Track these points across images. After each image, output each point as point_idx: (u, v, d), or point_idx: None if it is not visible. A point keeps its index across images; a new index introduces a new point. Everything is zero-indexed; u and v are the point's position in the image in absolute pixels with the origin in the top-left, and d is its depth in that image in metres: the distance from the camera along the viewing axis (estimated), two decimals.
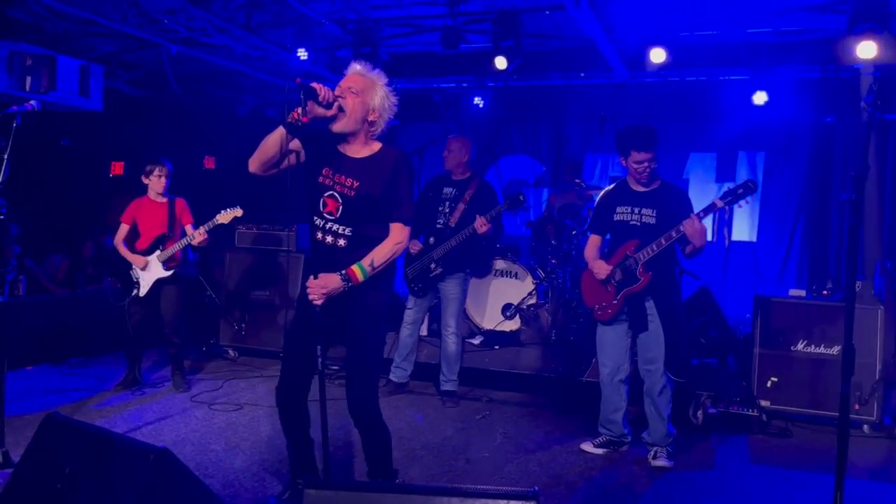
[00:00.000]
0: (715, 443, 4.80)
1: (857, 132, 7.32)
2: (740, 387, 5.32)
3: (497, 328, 6.53)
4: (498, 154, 9.12)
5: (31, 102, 3.83)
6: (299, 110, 2.83)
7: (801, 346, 5.08)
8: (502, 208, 5.25)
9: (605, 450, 4.47)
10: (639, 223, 4.18)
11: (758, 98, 6.76)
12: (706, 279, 6.54)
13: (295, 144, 3.04)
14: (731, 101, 7.05)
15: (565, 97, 8.43)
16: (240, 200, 5.52)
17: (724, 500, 3.95)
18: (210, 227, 5.35)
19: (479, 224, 5.09)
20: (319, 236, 3.11)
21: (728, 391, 5.33)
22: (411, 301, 5.54)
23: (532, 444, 4.65)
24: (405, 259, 5.42)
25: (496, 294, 6.63)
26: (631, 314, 4.28)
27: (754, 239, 8.00)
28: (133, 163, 8.87)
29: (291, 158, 3.07)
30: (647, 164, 4.11)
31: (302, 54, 6.64)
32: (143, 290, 5.46)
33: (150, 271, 5.46)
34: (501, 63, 6.26)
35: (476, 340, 6.58)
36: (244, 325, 6.76)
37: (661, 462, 4.25)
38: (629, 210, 4.22)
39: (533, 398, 5.68)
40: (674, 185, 4.38)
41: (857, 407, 4.85)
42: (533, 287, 6.49)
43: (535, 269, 6.74)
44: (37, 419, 2.85)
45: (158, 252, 5.44)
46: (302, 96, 2.83)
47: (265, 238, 6.95)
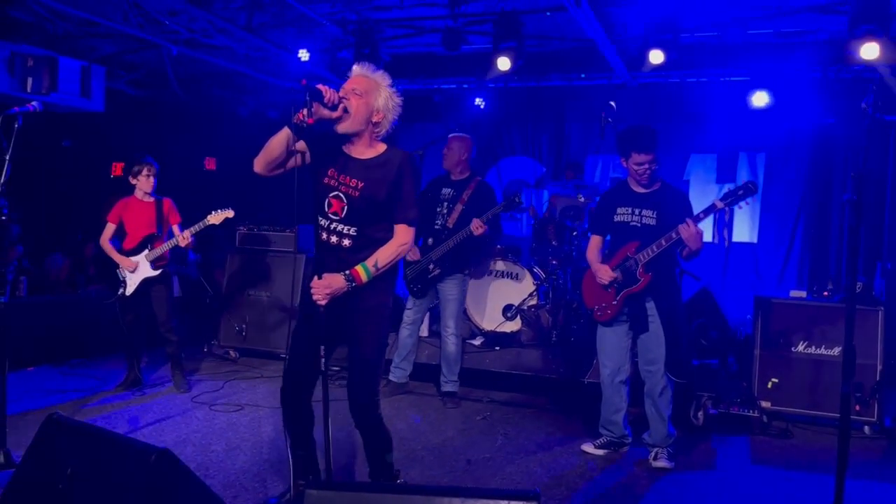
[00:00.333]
0: (715, 444, 4.81)
1: (857, 133, 7.33)
2: (741, 388, 5.32)
3: (498, 329, 6.52)
4: (498, 155, 9.12)
5: (33, 103, 3.84)
6: (305, 111, 2.83)
7: (801, 348, 5.09)
8: (498, 210, 5.26)
9: (605, 451, 4.48)
10: (639, 224, 4.19)
11: (758, 100, 6.76)
12: (707, 280, 6.53)
13: (300, 145, 3.04)
14: (732, 103, 7.05)
15: (566, 98, 8.43)
16: (240, 201, 5.53)
17: (724, 501, 3.95)
18: (200, 228, 5.34)
19: (475, 226, 5.10)
20: (324, 236, 3.11)
21: (729, 392, 5.33)
22: (410, 302, 5.54)
23: (533, 444, 4.65)
24: (404, 260, 5.42)
25: (497, 295, 6.63)
26: (631, 315, 4.28)
27: (755, 240, 8.00)
28: (133, 162, 8.88)
29: (297, 159, 3.07)
30: (647, 166, 4.11)
31: (303, 55, 6.64)
32: (130, 290, 5.46)
33: (138, 271, 5.46)
34: (504, 64, 6.25)
35: (477, 341, 6.58)
36: (245, 325, 6.77)
37: (661, 463, 4.26)
38: (629, 211, 4.23)
39: (534, 399, 5.68)
40: (674, 187, 4.39)
41: (857, 408, 4.85)
42: (534, 288, 6.48)
43: (536, 270, 6.73)
44: (38, 420, 2.85)
45: (147, 252, 5.44)
46: (308, 98, 2.84)
47: (266, 239, 6.96)
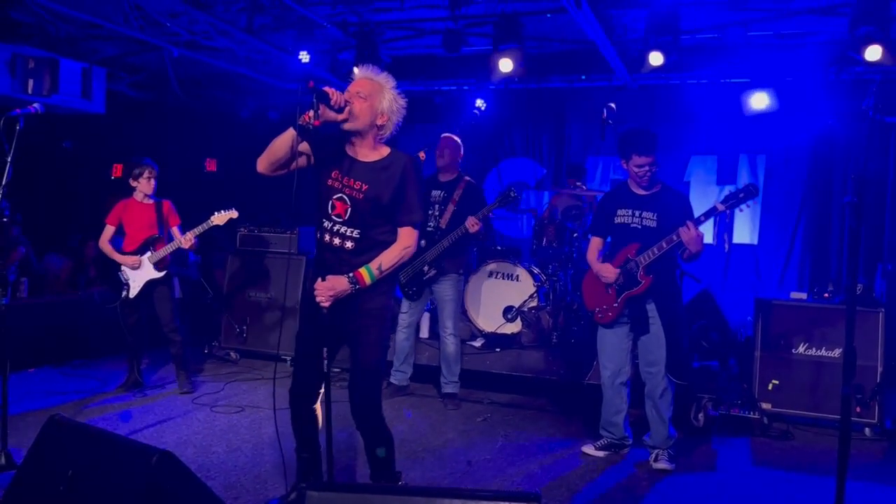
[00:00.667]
0: (716, 445, 4.81)
1: (858, 135, 7.33)
2: (741, 389, 5.32)
3: (498, 331, 6.52)
4: (499, 157, 9.12)
5: (35, 105, 3.85)
6: (311, 113, 2.84)
7: (802, 349, 5.09)
8: (494, 205, 5.29)
9: (606, 452, 4.48)
10: (640, 226, 4.19)
11: (757, 102, 6.75)
12: (707, 282, 6.53)
13: (304, 147, 3.05)
14: (733, 104, 7.05)
15: (566, 100, 8.43)
16: (241, 203, 5.53)
17: (725, 502, 3.95)
18: (204, 229, 5.35)
19: (471, 224, 5.13)
20: (327, 238, 3.12)
21: (729, 394, 5.33)
22: (405, 305, 5.52)
23: (533, 446, 4.65)
24: None
25: (497, 296, 6.63)
26: (632, 317, 4.29)
27: (755, 242, 7.99)
28: (134, 164, 8.88)
29: (301, 160, 3.08)
30: (647, 168, 4.12)
31: (304, 57, 6.65)
32: (134, 292, 5.46)
33: (141, 273, 5.46)
34: (506, 66, 6.25)
35: (477, 343, 6.58)
36: (245, 327, 6.77)
37: (662, 464, 4.26)
38: (630, 213, 4.23)
39: (534, 401, 5.68)
40: (675, 189, 4.40)
41: (858, 410, 4.84)
42: (534, 289, 6.48)
43: (536, 271, 6.73)
44: (39, 421, 2.86)
45: (150, 253, 5.44)
46: (315, 100, 2.84)
47: (266, 240, 6.96)
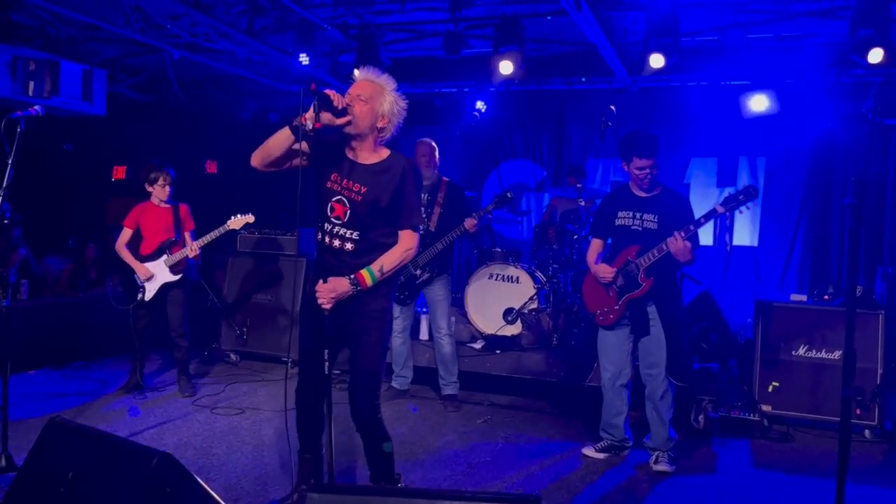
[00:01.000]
0: (716, 447, 4.80)
1: (858, 138, 7.33)
2: (741, 391, 5.33)
3: (498, 333, 6.53)
4: (499, 158, 9.13)
5: (36, 108, 3.85)
6: (308, 115, 2.84)
7: (802, 351, 5.09)
8: (490, 207, 5.33)
9: (606, 454, 4.48)
10: (640, 228, 4.20)
11: (758, 104, 6.76)
12: (707, 284, 6.54)
13: (303, 147, 3.05)
14: (733, 106, 7.06)
15: (567, 102, 8.44)
16: (241, 205, 5.54)
17: None
18: (220, 234, 5.40)
19: (470, 224, 5.17)
20: (327, 240, 3.12)
21: (729, 396, 5.33)
22: (397, 310, 5.47)
23: (533, 448, 4.65)
24: None
25: (497, 298, 6.63)
26: (633, 319, 4.29)
27: (755, 244, 7.99)
28: (135, 167, 8.90)
29: (295, 161, 3.08)
30: (648, 171, 4.13)
31: (303, 59, 6.65)
32: (150, 295, 5.48)
33: (157, 276, 5.48)
34: (507, 68, 6.26)
35: (477, 345, 6.58)
36: (246, 329, 6.77)
37: (662, 467, 4.26)
38: (631, 215, 4.24)
39: (534, 403, 5.68)
40: (675, 191, 4.40)
41: (858, 412, 4.85)
42: (534, 291, 6.48)
43: (537, 273, 6.74)
44: (39, 423, 2.86)
45: (166, 257, 5.46)
46: (316, 102, 2.84)
47: (267, 242, 6.97)
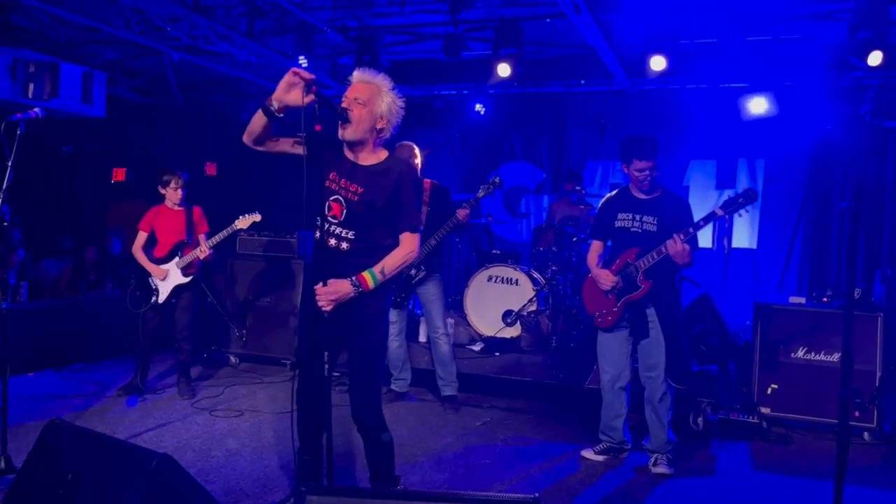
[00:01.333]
0: (715, 450, 4.80)
1: (857, 140, 7.34)
2: (741, 394, 5.33)
3: (498, 335, 6.53)
4: (499, 161, 9.14)
5: (35, 110, 3.84)
6: (274, 102, 2.93)
7: (801, 354, 5.09)
8: (480, 195, 5.36)
9: (605, 457, 4.48)
10: (640, 230, 4.20)
11: (757, 107, 6.78)
12: (707, 286, 6.54)
13: (299, 142, 3.07)
14: (732, 109, 7.07)
15: (566, 104, 8.45)
16: (241, 207, 5.54)
17: None
18: (227, 234, 5.42)
19: (462, 214, 5.21)
20: (323, 239, 3.13)
21: (728, 398, 5.34)
22: (393, 314, 5.45)
23: (532, 450, 4.65)
24: None
25: (497, 301, 6.64)
26: (632, 321, 4.29)
27: (754, 246, 8.00)
28: (135, 169, 8.91)
29: (285, 147, 3.12)
30: (648, 172, 4.13)
31: (302, 62, 6.66)
32: (163, 297, 5.49)
33: (169, 278, 5.49)
34: (504, 70, 6.28)
35: (477, 347, 6.59)
36: (245, 331, 6.78)
37: (661, 469, 4.26)
38: (630, 217, 4.24)
39: (533, 405, 5.68)
40: (675, 194, 4.40)
41: (857, 414, 4.85)
42: (533, 294, 6.49)
43: (536, 275, 6.74)
44: (39, 425, 2.86)
45: (177, 259, 5.47)
46: (316, 105, 2.86)
47: (267, 244, 6.97)
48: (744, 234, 8.02)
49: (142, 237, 5.53)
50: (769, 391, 5.10)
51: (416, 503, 2.22)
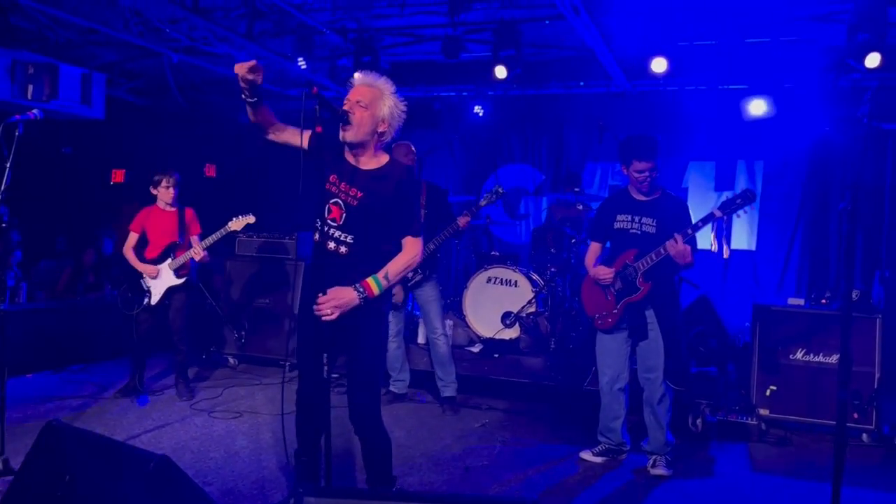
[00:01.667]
0: (714, 451, 4.81)
1: (855, 142, 7.34)
2: (739, 395, 5.32)
3: (496, 336, 6.53)
4: (498, 163, 9.13)
5: (34, 111, 3.84)
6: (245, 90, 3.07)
7: (800, 355, 5.09)
8: (482, 203, 5.37)
9: (604, 458, 4.48)
10: (639, 232, 4.20)
11: (755, 108, 6.78)
12: (705, 288, 6.54)
13: (305, 135, 3.08)
14: (730, 111, 7.07)
15: (565, 106, 8.45)
16: (240, 208, 5.54)
17: None
18: (220, 236, 5.39)
19: (463, 222, 5.22)
20: (322, 241, 3.12)
21: (727, 400, 5.34)
22: (390, 315, 5.48)
23: (531, 452, 4.65)
24: None
25: (495, 302, 6.64)
26: (631, 323, 4.29)
27: (753, 248, 8.00)
28: (134, 170, 8.90)
29: (290, 137, 3.16)
30: (647, 174, 4.13)
31: (301, 63, 6.67)
32: (155, 299, 5.48)
33: (162, 279, 5.47)
34: (501, 72, 6.30)
35: (475, 349, 6.58)
36: (244, 332, 6.77)
37: (660, 470, 4.26)
38: (629, 218, 4.24)
39: (532, 406, 5.68)
40: (674, 196, 4.40)
41: (855, 416, 4.85)
42: (532, 295, 6.49)
43: (535, 277, 6.74)
44: (37, 426, 2.86)
45: (170, 260, 5.46)
46: (317, 106, 2.86)
47: (266, 246, 6.97)
48: (743, 236, 8.02)
49: (132, 238, 5.51)
50: (768, 393, 5.10)
51: None
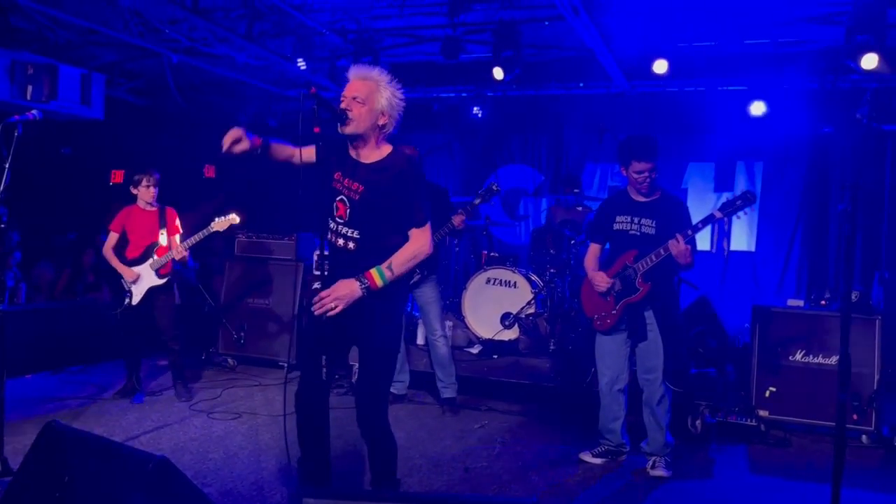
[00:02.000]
0: (713, 452, 4.80)
1: (854, 143, 7.35)
2: (739, 396, 5.32)
3: (496, 337, 6.53)
4: (497, 163, 9.14)
5: (33, 112, 3.83)
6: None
7: (799, 356, 5.09)
8: (478, 201, 5.37)
9: (603, 459, 4.47)
10: (638, 233, 4.20)
11: (755, 109, 6.79)
12: (705, 289, 6.54)
13: (308, 153, 3.09)
14: (730, 112, 7.08)
15: (564, 107, 8.47)
16: (240, 209, 5.53)
17: None
18: (203, 236, 5.36)
19: (458, 221, 5.22)
20: (332, 239, 3.11)
21: (726, 401, 5.33)
22: None
23: (530, 453, 4.65)
24: None
25: (495, 303, 6.64)
26: (630, 324, 4.29)
27: (753, 249, 8.01)
28: (134, 171, 8.89)
29: (294, 160, 3.19)
30: (647, 174, 4.13)
31: (301, 64, 6.67)
32: (136, 299, 5.44)
33: (143, 280, 5.45)
34: (499, 73, 6.30)
35: (475, 350, 6.58)
36: (243, 333, 6.77)
37: (659, 472, 4.26)
38: (629, 220, 4.24)
39: (531, 408, 5.68)
40: (674, 197, 4.40)
41: (855, 417, 4.85)
42: (531, 296, 6.49)
43: (534, 278, 6.74)
44: (36, 427, 2.85)
45: (151, 260, 5.43)
46: (316, 106, 2.85)
47: (265, 247, 6.97)
48: (742, 237, 8.03)
49: (112, 238, 5.47)
50: (767, 394, 5.10)
51: None
